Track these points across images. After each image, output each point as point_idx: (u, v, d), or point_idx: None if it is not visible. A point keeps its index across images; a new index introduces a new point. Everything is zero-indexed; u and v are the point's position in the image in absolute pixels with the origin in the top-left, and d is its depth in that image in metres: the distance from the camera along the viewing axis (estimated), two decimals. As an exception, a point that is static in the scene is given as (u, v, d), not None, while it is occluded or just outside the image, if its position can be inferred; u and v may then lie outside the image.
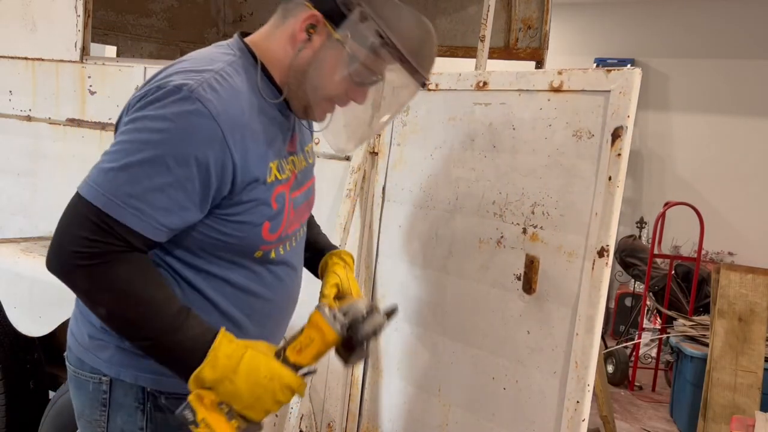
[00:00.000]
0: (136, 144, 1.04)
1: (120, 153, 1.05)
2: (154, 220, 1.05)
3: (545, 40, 3.27)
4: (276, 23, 1.20)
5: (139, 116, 1.06)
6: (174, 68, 1.11)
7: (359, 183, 1.95)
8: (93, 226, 1.03)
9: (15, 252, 2.32)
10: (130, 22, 4.07)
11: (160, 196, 1.04)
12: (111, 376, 1.20)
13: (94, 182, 1.04)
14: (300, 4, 1.15)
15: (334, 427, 2.05)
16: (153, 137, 1.04)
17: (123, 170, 1.03)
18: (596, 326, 1.53)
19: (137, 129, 1.05)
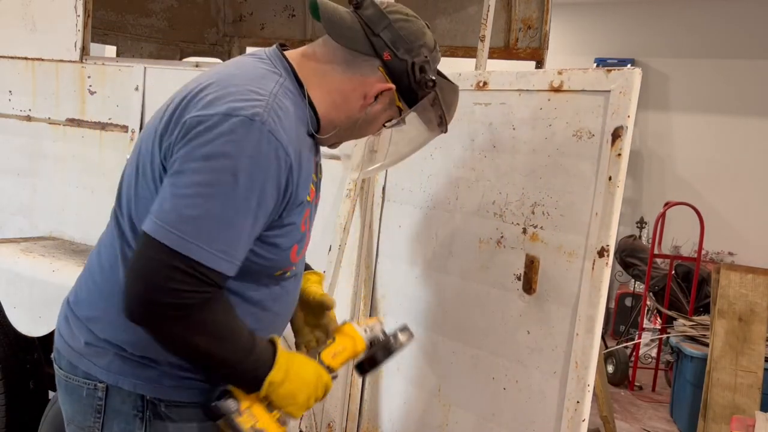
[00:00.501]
0: (212, 176, 1.01)
1: (200, 196, 1.01)
2: (238, 260, 1.07)
3: (545, 40, 3.27)
4: (335, 63, 1.20)
5: (213, 152, 1.02)
6: (228, 89, 1.08)
7: (359, 183, 1.95)
8: (185, 276, 1.00)
9: (15, 252, 2.32)
10: (130, 22, 4.07)
11: (244, 238, 1.06)
12: (108, 383, 1.18)
13: (176, 229, 1.00)
14: (373, 66, 1.19)
15: (334, 427, 2.05)
16: (235, 176, 1.01)
17: (207, 215, 1.01)
18: (596, 326, 1.53)
19: (213, 169, 1.02)
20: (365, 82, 1.20)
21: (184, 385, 1.19)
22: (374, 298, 2.04)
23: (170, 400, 1.18)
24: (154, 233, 1.01)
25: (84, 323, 1.22)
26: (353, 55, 1.19)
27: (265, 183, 1.04)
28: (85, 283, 1.26)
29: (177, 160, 1.05)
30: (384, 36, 1.18)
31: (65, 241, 2.58)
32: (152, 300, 1.01)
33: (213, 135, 1.02)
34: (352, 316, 2.02)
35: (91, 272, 1.25)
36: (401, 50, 1.19)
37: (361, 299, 2.04)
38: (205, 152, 1.02)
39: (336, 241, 1.90)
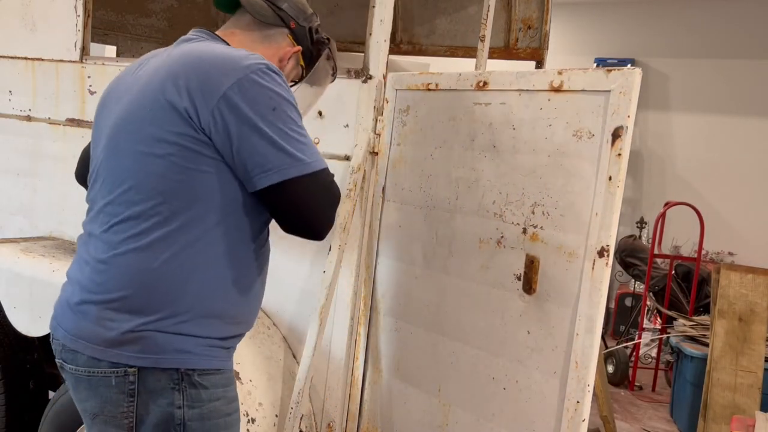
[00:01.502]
0: (294, 112, 1.29)
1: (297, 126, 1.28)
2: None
3: (545, 40, 3.27)
4: (253, 39, 1.48)
5: (277, 94, 1.26)
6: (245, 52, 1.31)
7: (359, 183, 1.95)
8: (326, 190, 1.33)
9: (15, 252, 2.32)
10: (130, 22, 4.07)
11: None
12: (139, 365, 1.25)
13: (309, 156, 1.28)
14: (283, 34, 1.50)
15: (334, 427, 2.05)
16: (288, 103, 1.29)
17: (306, 138, 1.30)
18: (596, 326, 1.53)
19: (285, 102, 1.27)
20: (280, 48, 1.51)
21: (211, 354, 1.32)
22: (374, 298, 2.04)
23: (202, 369, 1.30)
24: (308, 167, 1.28)
25: (121, 312, 1.26)
26: (267, 28, 1.48)
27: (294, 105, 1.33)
28: (107, 273, 1.28)
29: (262, 116, 1.24)
30: (286, 9, 1.49)
31: (65, 241, 2.58)
32: (328, 217, 1.34)
33: (269, 84, 1.26)
34: (351, 316, 2.02)
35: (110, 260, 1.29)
36: (301, 19, 1.52)
37: (361, 299, 2.04)
38: (280, 100, 1.27)
39: (336, 241, 1.90)
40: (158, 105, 1.25)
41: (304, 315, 2.07)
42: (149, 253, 1.25)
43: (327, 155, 2.03)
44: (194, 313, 1.29)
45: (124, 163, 1.28)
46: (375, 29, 1.93)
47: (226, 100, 1.22)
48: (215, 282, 1.31)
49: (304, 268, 2.08)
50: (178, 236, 1.26)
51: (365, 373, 2.06)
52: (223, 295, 1.33)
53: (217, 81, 1.23)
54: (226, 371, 1.37)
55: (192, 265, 1.28)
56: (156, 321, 1.26)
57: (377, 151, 2.01)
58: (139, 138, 1.26)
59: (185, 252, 1.27)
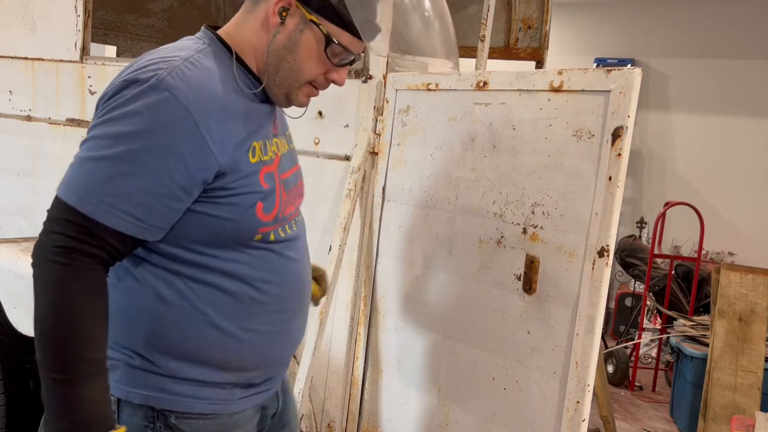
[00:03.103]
0: (107, 139, 1.03)
1: (92, 150, 1.03)
2: (132, 217, 1.03)
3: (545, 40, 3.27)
4: (247, 9, 1.19)
5: (109, 112, 1.04)
6: (141, 62, 1.09)
7: (359, 183, 1.95)
8: (62, 225, 1.02)
9: (15, 252, 2.32)
10: (130, 22, 4.07)
11: (137, 192, 1.03)
12: (118, 396, 1.15)
13: (65, 181, 1.04)
14: None
15: (334, 427, 2.05)
16: (126, 131, 1.02)
17: (93, 165, 1.02)
18: (596, 326, 1.53)
19: (108, 121, 1.04)
20: (267, 8, 1.15)
21: (197, 395, 1.17)
22: (374, 298, 2.04)
23: (180, 412, 1.16)
24: (58, 189, 1.06)
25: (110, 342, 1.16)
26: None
27: (161, 139, 1.03)
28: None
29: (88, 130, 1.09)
30: None
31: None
32: (40, 242, 1.03)
33: (113, 100, 1.05)
34: (352, 316, 2.02)
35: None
36: None
37: (361, 299, 2.04)
38: (102, 113, 1.05)
39: (336, 241, 1.90)
40: None
41: (304, 315, 2.07)
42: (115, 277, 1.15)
43: (327, 155, 2.04)
44: (174, 354, 1.15)
45: None
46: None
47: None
48: (170, 317, 1.14)
49: (304, 268, 2.08)
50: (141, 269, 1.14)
51: (365, 373, 2.06)
52: (184, 333, 1.15)
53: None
54: (222, 416, 1.19)
55: (153, 298, 1.14)
56: (134, 354, 1.15)
57: (377, 151, 2.01)
58: None
59: (140, 285, 1.14)
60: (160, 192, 1.04)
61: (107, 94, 1.07)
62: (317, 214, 2.06)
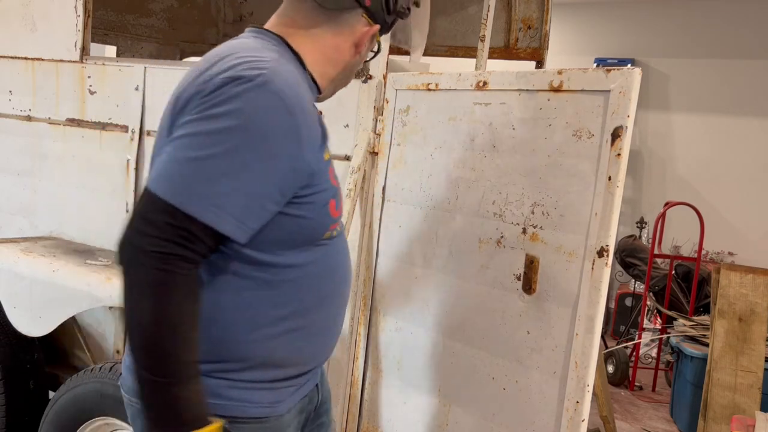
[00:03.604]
0: (211, 136, 1.00)
1: (194, 148, 1.00)
2: (234, 218, 1.01)
3: (545, 40, 3.27)
4: (318, 20, 1.23)
5: (209, 108, 1.02)
6: (233, 60, 1.07)
7: (359, 183, 1.95)
8: (161, 228, 0.98)
9: (15, 252, 2.32)
10: (130, 22, 4.07)
11: (240, 193, 1.01)
12: None
13: (164, 178, 0.99)
14: (357, 15, 1.25)
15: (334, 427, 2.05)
16: (231, 127, 1.00)
17: (197, 164, 0.99)
18: (596, 326, 1.53)
19: (211, 118, 1.01)
20: (354, 31, 1.25)
21: (249, 399, 1.17)
22: (374, 298, 2.04)
23: (233, 416, 1.15)
24: (149, 185, 1.01)
25: None
26: (336, 13, 1.23)
27: (270, 144, 1.03)
28: None
29: (179, 124, 1.05)
30: None
31: (65, 241, 2.58)
32: (129, 243, 0.99)
33: (215, 96, 1.02)
34: (352, 317, 2.02)
35: None
36: None
37: (361, 299, 2.04)
38: (206, 114, 1.02)
39: (336, 241, 1.90)
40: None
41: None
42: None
43: (327, 155, 2.04)
44: (227, 355, 1.15)
45: None
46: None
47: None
48: (238, 325, 1.14)
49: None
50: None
51: (365, 373, 2.06)
52: (247, 337, 1.15)
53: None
54: (269, 419, 1.20)
55: (210, 302, 1.13)
56: None
57: (377, 151, 2.01)
58: None
59: (207, 289, 1.13)
60: (261, 193, 1.04)
61: (204, 90, 1.04)
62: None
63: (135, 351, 1.01)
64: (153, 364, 1.00)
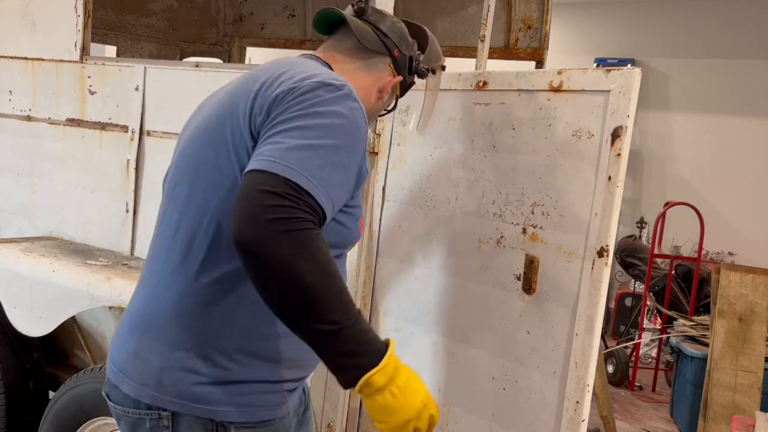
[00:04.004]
0: (317, 129, 1.08)
1: (307, 138, 1.06)
2: (332, 204, 1.08)
3: (545, 40, 3.27)
4: (354, 65, 1.36)
5: (312, 106, 1.09)
6: (306, 69, 1.17)
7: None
8: (285, 199, 1.00)
9: (15, 252, 2.32)
10: (130, 22, 4.07)
11: (337, 183, 1.08)
12: (174, 410, 1.17)
13: (279, 160, 1.03)
14: (385, 63, 1.38)
15: (334, 427, 2.05)
16: (334, 124, 1.09)
17: (311, 151, 1.05)
18: (596, 326, 1.53)
19: (315, 114, 1.09)
20: (381, 77, 1.38)
21: (257, 403, 1.19)
22: (374, 298, 2.04)
23: (240, 422, 1.18)
24: (261, 167, 1.03)
25: (171, 345, 1.18)
26: (369, 55, 1.36)
27: (359, 145, 1.14)
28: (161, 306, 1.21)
29: (275, 120, 1.10)
30: (391, 37, 1.38)
31: (65, 241, 2.58)
32: (256, 220, 0.99)
33: (312, 96, 1.10)
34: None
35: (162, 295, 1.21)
36: (403, 47, 1.40)
37: (361, 299, 2.04)
38: (310, 111, 1.09)
39: (336, 241, 1.90)
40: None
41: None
42: (193, 277, 1.17)
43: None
44: (240, 351, 1.18)
45: None
46: (375, 29, 1.93)
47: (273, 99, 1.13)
48: (261, 317, 1.16)
49: (304, 268, 2.08)
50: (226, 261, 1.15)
51: (365, 373, 2.06)
52: (270, 334, 1.19)
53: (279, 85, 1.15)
54: (273, 422, 1.23)
55: (236, 297, 1.16)
56: (196, 359, 1.16)
57: (377, 151, 2.01)
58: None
59: (230, 280, 1.16)
60: (346, 187, 1.12)
61: (298, 90, 1.11)
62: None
63: (316, 313, 1.01)
64: (338, 314, 1.02)
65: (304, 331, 1.03)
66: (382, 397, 1.05)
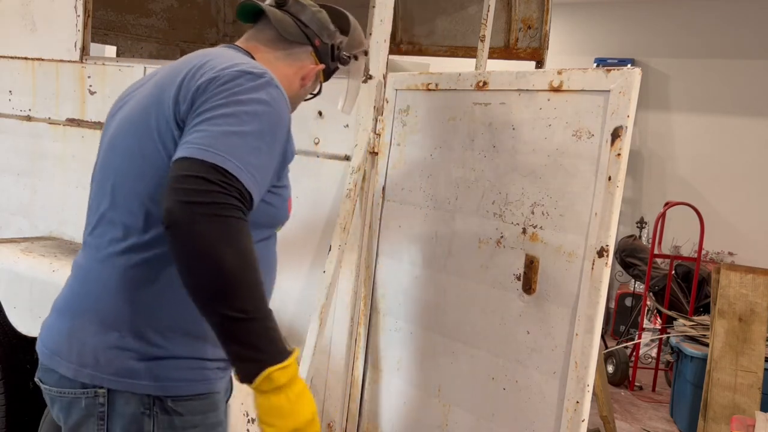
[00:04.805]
0: (241, 117, 1.12)
1: (233, 125, 1.10)
2: (258, 188, 1.11)
3: (545, 40, 3.27)
4: (276, 55, 1.40)
5: (235, 95, 1.13)
6: (227, 59, 1.21)
7: (359, 183, 1.95)
8: (213, 185, 1.04)
9: (15, 252, 2.32)
10: (130, 22, 4.07)
11: (262, 167, 1.13)
12: (110, 387, 1.19)
13: (207, 147, 1.07)
14: (307, 52, 1.43)
15: (334, 427, 2.05)
16: (257, 111, 1.13)
17: (237, 137, 1.09)
18: (596, 326, 1.53)
19: (238, 102, 1.13)
20: (303, 66, 1.43)
21: (192, 377, 1.23)
22: (374, 298, 2.04)
23: (175, 396, 1.21)
24: (189, 154, 1.06)
25: (102, 326, 1.21)
26: (290, 45, 1.41)
27: (282, 130, 1.18)
28: (94, 289, 1.24)
29: (200, 109, 1.13)
30: (312, 27, 1.43)
31: (65, 241, 2.58)
32: (188, 203, 1.02)
33: (234, 85, 1.14)
34: (352, 316, 2.02)
35: (95, 277, 1.24)
36: (324, 36, 1.45)
37: (361, 299, 2.04)
38: (232, 99, 1.13)
39: (336, 241, 1.90)
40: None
41: (304, 315, 2.07)
42: (125, 259, 1.20)
43: (327, 155, 2.04)
44: (173, 330, 1.21)
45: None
46: (375, 29, 1.94)
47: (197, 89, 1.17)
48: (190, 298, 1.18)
49: (304, 268, 2.08)
50: (156, 243, 1.19)
51: (365, 373, 2.06)
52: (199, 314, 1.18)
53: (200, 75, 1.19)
54: (208, 396, 1.27)
55: (166, 278, 1.19)
56: (130, 338, 1.19)
57: (377, 151, 2.01)
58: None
59: (160, 262, 1.19)
60: (271, 170, 1.17)
61: (220, 79, 1.15)
62: (317, 214, 2.06)
63: (227, 298, 1.04)
64: (249, 304, 1.05)
65: (213, 315, 1.05)
66: (278, 397, 1.07)
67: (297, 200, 2.09)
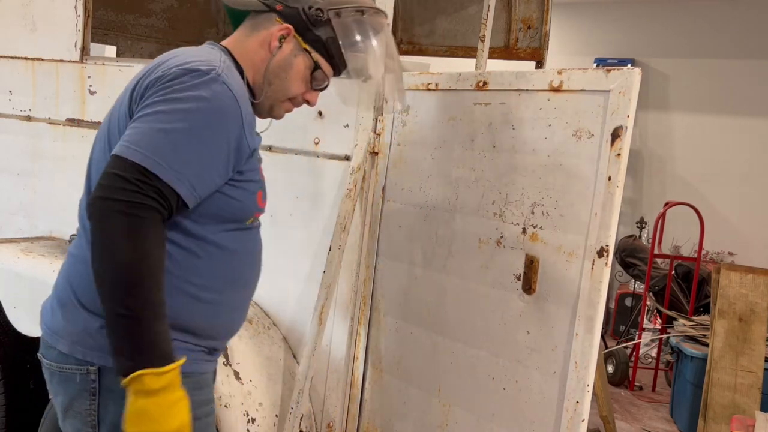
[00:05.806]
0: (174, 114, 1.15)
1: (161, 122, 1.14)
2: (189, 183, 1.16)
3: (545, 40, 3.27)
4: (245, 33, 1.40)
5: (174, 92, 1.17)
6: (186, 57, 1.24)
7: (359, 183, 1.95)
8: (130, 183, 1.10)
9: (15, 252, 2.32)
10: (130, 22, 4.07)
11: (195, 163, 1.17)
12: (101, 364, 1.25)
13: (132, 144, 1.13)
14: (271, 19, 1.37)
15: (334, 427, 2.05)
16: (191, 108, 1.16)
17: (163, 134, 1.14)
18: (596, 326, 1.53)
19: (174, 100, 1.16)
20: (269, 34, 1.37)
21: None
22: (374, 298, 2.04)
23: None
24: (117, 152, 1.13)
25: (86, 309, 1.28)
26: (254, 18, 1.39)
27: (220, 124, 1.20)
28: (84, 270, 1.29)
29: (141, 106, 1.19)
30: None
31: (65, 241, 2.58)
32: (104, 198, 1.10)
33: (176, 83, 1.18)
34: (352, 316, 2.02)
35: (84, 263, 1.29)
36: (290, 0, 1.37)
37: (361, 299, 2.04)
38: (169, 96, 1.17)
39: (336, 241, 1.90)
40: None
41: (304, 315, 2.07)
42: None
43: (327, 155, 2.04)
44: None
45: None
46: (375, 29, 1.93)
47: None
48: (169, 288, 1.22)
49: (304, 268, 2.08)
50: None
51: (365, 373, 2.06)
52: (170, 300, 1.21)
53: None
54: (196, 374, 1.32)
55: None
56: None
57: (377, 151, 2.01)
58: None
59: None
60: (212, 166, 1.20)
61: (165, 77, 1.20)
62: (317, 214, 2.06)
63: (116, 292, 1.10)
64: (132, 302, 1.09)
65: (104, 304, 1.12)
66: (146, 401, 1.10)
67: (297, 200, 2.09)
